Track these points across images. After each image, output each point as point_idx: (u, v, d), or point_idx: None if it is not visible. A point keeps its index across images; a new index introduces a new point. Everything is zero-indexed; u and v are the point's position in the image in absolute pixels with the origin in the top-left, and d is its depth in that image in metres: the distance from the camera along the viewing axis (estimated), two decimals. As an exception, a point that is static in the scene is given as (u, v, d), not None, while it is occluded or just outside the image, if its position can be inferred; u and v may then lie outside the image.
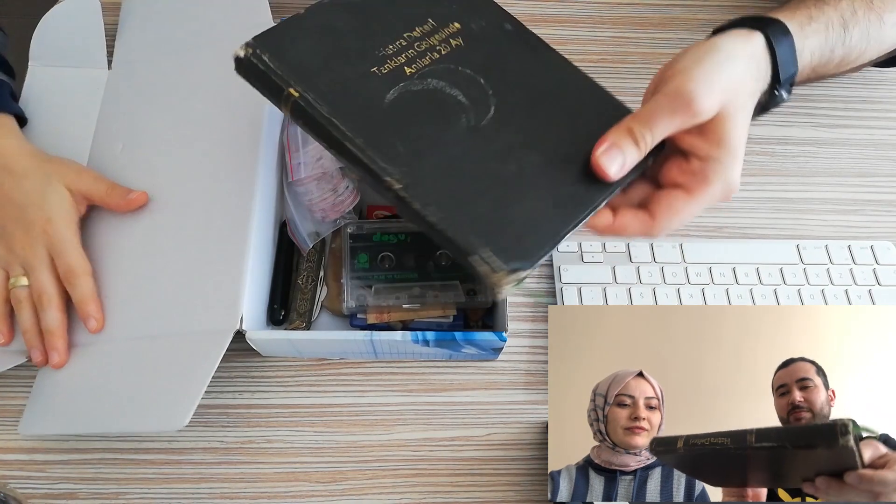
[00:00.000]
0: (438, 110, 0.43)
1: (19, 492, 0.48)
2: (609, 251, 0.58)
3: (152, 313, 0.50)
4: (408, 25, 0.46)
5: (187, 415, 0.43)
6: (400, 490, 0.50)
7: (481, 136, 0.42)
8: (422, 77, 0.44)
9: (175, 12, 0.63)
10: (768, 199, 0.62)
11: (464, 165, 0.41)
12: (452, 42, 0.46)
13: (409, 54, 0.44)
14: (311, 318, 0.54)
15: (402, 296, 0.52)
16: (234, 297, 0.48)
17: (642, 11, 0.70)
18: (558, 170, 0.42)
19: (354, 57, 0.43)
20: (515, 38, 0.48)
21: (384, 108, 0.42)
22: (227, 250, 0.50)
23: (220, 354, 0.45)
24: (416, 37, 0.45)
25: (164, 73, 0.60)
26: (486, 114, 0.44)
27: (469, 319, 0.54)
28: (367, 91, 0.42)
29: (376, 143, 0.40)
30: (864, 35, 0.51)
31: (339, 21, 0.44)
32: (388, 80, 0.43)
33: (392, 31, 0.45)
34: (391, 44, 0.44)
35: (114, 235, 0.54)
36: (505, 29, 0.48)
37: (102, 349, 0.50)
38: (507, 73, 0.46)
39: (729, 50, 0.43)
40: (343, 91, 0.42)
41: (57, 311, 0.50)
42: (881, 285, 0.57)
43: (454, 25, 0.47)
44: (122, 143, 0.57)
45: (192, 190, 0.53)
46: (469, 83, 0.44)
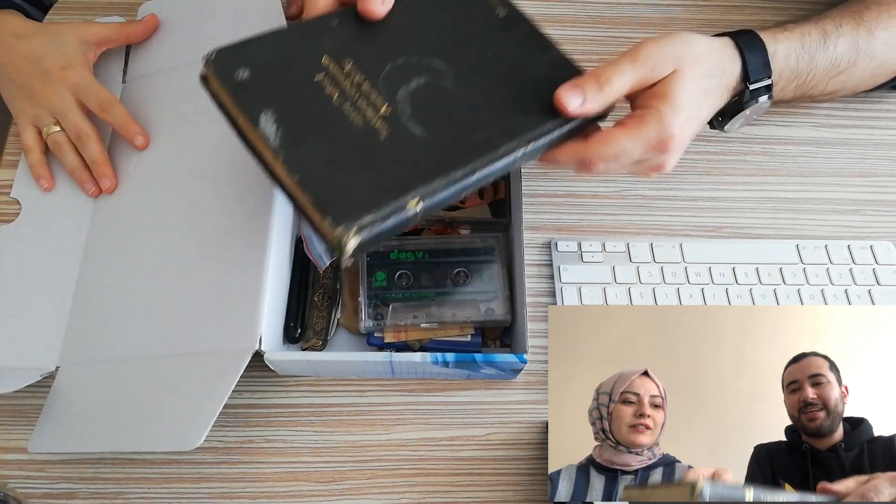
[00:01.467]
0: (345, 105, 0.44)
1: (19, 491, 0.48)
2: (609, 251, 0.58)
3: (168, 332, 0.49)
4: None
5: (201, 435, 0.42)
6: (399, 490, 0.50)
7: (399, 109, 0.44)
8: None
9: (190, 26, 0.62)
10: (768, 199, 0.62)
11: (343, 137, 0.42)
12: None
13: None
14: (328, 336, 0.54)
15: (419, 314, 0.52)
16: (252, 317, 0.47)
17: (642, 11, 0.70)
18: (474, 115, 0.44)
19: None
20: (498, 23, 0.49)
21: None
22: (244, 268, 0.49)
23: (237, 375, 0.44)
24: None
25: (179, 87, 0.59)
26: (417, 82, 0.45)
27: (486, 338, 0.54)
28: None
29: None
30: (853, 47, 0.55)
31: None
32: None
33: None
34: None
35: (129, 253, 0.53)
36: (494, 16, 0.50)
37: (117, 367, 0.49)
38: (464, 49, 0.47)
39: (695, 36, 0.48)
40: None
41: (96, 143, 0.55)
42: (881, 285, 0.57)
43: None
44: (136, 159, 0.57)
45: (209, 207, 0.52)
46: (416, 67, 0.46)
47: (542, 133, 0.44)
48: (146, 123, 0.58)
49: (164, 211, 0.54)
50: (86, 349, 0.50)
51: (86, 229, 0.56)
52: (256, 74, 0.43)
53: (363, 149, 0.42)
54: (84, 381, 0.49)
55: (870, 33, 0.54)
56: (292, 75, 0.44)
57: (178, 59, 0.61)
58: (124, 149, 0.58)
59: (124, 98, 0.61)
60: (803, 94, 0.56)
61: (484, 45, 0.48)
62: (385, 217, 0.39)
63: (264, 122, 0.41)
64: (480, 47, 0.48)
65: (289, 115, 0.42)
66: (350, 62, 0.45)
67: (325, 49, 0.45)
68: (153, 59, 0.62)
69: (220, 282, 0.49)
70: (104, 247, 0.54)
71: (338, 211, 0.38)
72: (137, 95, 0.61)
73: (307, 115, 0.42)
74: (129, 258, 0.53)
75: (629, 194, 0.61)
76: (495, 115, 0.45)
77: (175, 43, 0.62)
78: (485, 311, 0.52)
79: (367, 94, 0.44)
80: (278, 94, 0.43)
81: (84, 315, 0.52)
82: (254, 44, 0.45)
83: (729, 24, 0.69)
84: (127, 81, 0.62)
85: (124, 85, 0.62)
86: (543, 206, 0.60)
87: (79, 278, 0.54)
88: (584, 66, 0.48)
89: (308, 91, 0.43)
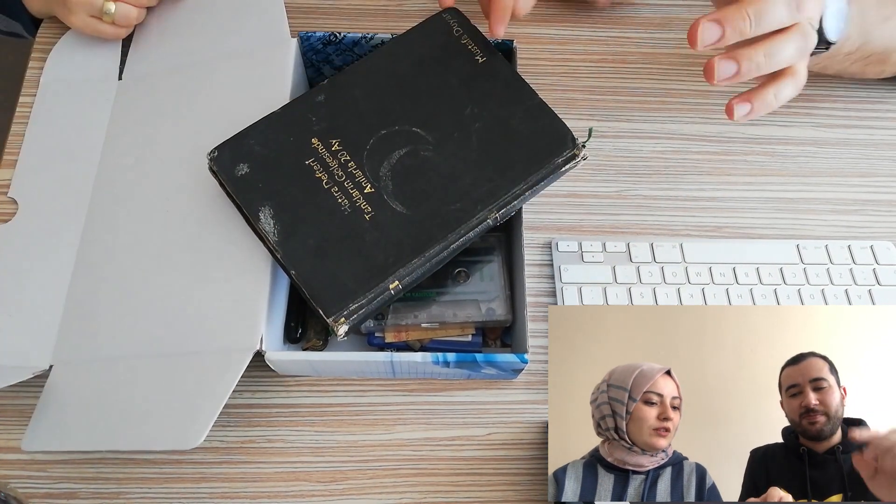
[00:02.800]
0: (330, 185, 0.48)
1: (20, 491, 0.48)
2: (609, 251, 0.58)
3: (168, 331, 0.49)
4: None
5: (201, 434, 0.42)
6: (400, 490, 0.50)
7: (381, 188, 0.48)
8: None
9: (190, 23, 0.62)
10: (768, 199, 0.62)
11: (331, 230, 0.47)
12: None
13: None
14: (328, 336, 0.54)
15: (420, 314, 0.52)
16: (253, 317, 0.47)
17: (642, 11, 0.70)
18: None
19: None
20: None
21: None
22: (245, 268, 0.49)
23: (238, 375, 0.44)
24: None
25: (179, 84, 0.59)
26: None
27: (487, 338, 0.54)
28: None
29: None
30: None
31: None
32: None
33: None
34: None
35: (127, 251, 0.53)
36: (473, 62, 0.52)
37: (114, 366, 0.49)
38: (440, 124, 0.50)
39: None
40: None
41: None
42: (881, 285, 0.57)
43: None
44: (133, 157, 0.57)
45: (209, 206, 0.52)
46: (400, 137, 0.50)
47: (514, 196, 0.48)
48: (145, 122, 0.58)
49: (162, 210, 0.53)
50: (81, 348, 0.50)
51: (81, 228, 0.55)
52: (254, 168, 0.49)
53: (350, 233, 0.47)
54: (79, 379, 0.49)
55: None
56: (286, 165, 0.49)
57: (178, 60, 0.60)
58: (121, 147, 0.58)
59: (121, 96, 0.60)
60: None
61: (463, 103, 0.51)
62: (370, 301, 0.45)
63: (264, 218, 0.47)
64: (460, 106, 0.50)
65: (284, 208, 0.47)
66: (336, 141, 0.49)
67: (314, 131, 0.50)
68: (152, 58, 0.62)
69: (220, 281, 0.49)
70: (100, 245, 0.54)
71: (328, 304, 0.45)
72: (136, 94, 0.60)
73: (300, 204, 0.48)
74: (126, 256, 0.53)
75: (629, 194, 0.61)
76: (470, 183, 0.48)
77: (175, 43, 0.62)
78: (485, 310, 0.52)
79: (353, 175, 0.48)
80: (274, 186, 0.48)
81: (79, 313, 0.52)
82: (249, 136, 0.50)
83: (729, 24, 0.70)
84: (124, 79, 0.62)
85: (121, 82, 0.61)
86: (544, 206, 0.60)
87: (73, 277, 0.53)
88: (585, 66, 0.49)
89: (300, 179, 0.48)
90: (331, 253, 0.46)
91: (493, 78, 0.51)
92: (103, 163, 0.58)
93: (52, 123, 0.60)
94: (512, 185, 0.48)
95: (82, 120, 0.60)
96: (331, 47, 0.57)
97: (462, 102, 0.50)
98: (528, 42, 0.67)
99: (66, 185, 0.57)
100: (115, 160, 0.57)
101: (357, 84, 0.51)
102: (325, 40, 0.57)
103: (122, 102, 0.60)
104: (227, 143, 0.49)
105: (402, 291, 0.46)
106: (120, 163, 0.57)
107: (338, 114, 0.50)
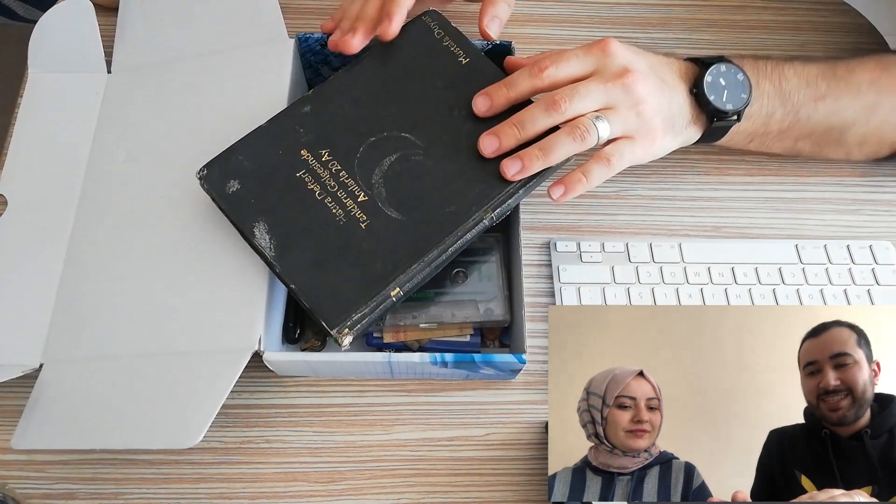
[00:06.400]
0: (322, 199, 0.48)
1: (18, 492, 0.48)
2: (608, 251, 0.58)
3: (164, 330, 0.49)
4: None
5: (199, 433, 0.42)
6: (399, 490, 0.50)
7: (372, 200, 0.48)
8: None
9: (178, 12, 0.61)
10: (767, 199, 0.62)
11: (327, 241, 0.47)
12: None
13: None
14: (327, 336, 0.54)
15: (418, 315, 0.52)
16: (252, 317, 0.47)
17: (642, 11, 0.70)
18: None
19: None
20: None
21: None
22: (243, 267, 0.49)
23: (236, 374, 0.44)
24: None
25: (172, 79, 0.58)
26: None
27: (485, 338, 0.54)
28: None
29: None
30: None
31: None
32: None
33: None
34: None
35: (122, 249, 0.52)
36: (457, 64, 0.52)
37: (108, 365, 0.48)
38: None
39: None
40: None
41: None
42: (880, 285, 0.57)
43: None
44: (125, 153, 0.56)
45: (206, 204, 0.51)
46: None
47: (508, 195, 0.48)
48: (137, 116, 0.57)
49: (155, 207, 0.53)
50: (72, 346, 0.49)
51: (72, 225, 0.54)
52: (245, 184, 0.48)
53: (347, 242, 0.47)
54: (71, 378, 0.48)
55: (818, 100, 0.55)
56: (277, 178, 0.48)
57: (169, 52, 0.59)
58: (112, 143, 0.57)
59: (111, 90, 0.59)
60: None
61: (450, 106, 0.50)
62: (372, 310, 0.45)
63: (259, 235, 0.47)
64: (447, 108, 0.50)
65: (279, 222, 0.47)
66: (326, 151, 0.49)
67: (302, 143, 0.49)
68: (142, 50, 0.60)
69: (218, 281, 0.49)
70: (91, 242, 0.53)
71: (330, 315, 0.45)
72: (127, 88, 0.59)
73: (294, 217, 0.47)
74: (118, 254, 0.52)
75: (628, 194, 0.61)
76: (464, 184, 0.48)
77: (165, 34, 0.60)
78: (484, 311, 0.52)
79: (346, 184, 0.48)
80: (267, 201, 0.48)
81: (70, 311, 0.51)
82: (238, 151, 0.49)
83: (729, 24, 0.70)
84: (113, 72, 0.60)
85: (110, 76, 0.60)
86: (542, 206, 0.60)
87: (63, 274, 0.52)
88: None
89: (292, 191, 0.48)
90: (329, 264, 0.46)
91: (478, 78, 0.51)
92: (93, 158, 0.56)
93: (40, 118, 0.59)
94: (505, 185, 0.48)
95: (72, 114, 0.58)
96: (329, 48, 0.57)
97: (449, 105, 0.50)
98: (526, 42, 0.67)
99: (57, 181, 0.56)
100: (105, 155, 0.56)
101: (342, 92, 0.51)
102: (324, 41, 0.57)
103: (112, 96, 0.59)
104: (216, 161, 0.49)
105: (404, 297, 0.47)
106: (111, 158, 0.56)
107: (325, 124, 0.50)
